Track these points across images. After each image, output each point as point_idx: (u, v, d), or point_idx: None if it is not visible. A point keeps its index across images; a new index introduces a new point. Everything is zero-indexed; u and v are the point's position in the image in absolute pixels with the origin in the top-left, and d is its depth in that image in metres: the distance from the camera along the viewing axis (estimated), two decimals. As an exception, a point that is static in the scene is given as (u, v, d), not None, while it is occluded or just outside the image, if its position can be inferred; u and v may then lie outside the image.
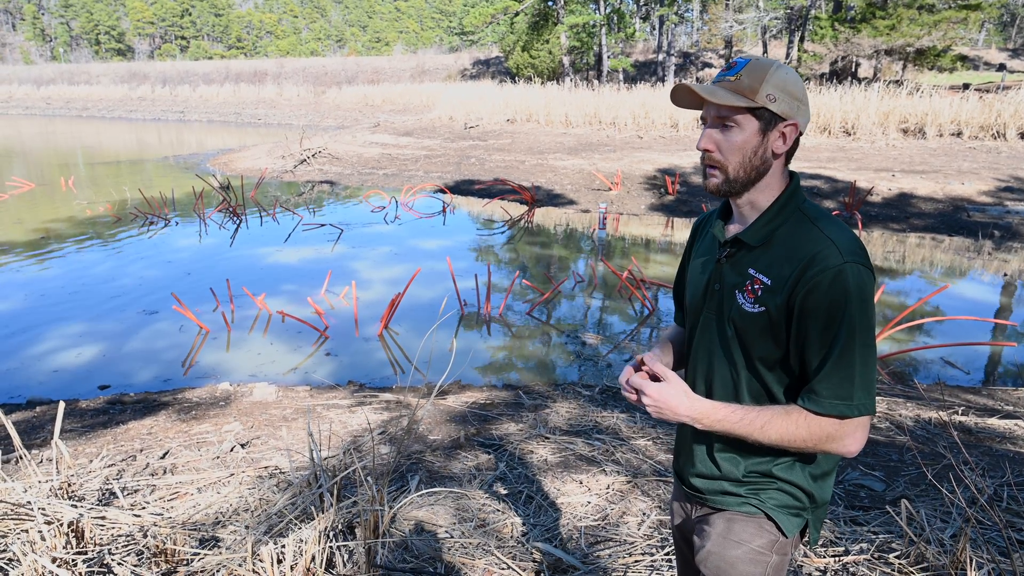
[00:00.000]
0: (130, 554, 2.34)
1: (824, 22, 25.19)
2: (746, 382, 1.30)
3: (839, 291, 1.16)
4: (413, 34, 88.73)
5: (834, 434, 1.20)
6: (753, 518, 1.32)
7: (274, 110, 36.68)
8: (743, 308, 1.27)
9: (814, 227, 1.23)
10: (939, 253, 9.29)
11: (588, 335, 6.18)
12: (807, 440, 1.21)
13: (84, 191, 13.70)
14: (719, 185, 1.28)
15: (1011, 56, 33.39)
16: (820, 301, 1.17)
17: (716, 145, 1.26)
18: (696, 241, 1.50)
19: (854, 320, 1.16)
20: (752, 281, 1.26)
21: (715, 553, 1.33)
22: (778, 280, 1.22)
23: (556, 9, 31.39)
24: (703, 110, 1.29)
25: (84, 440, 3.72)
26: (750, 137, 1.24)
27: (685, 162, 13.85)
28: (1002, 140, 14.32)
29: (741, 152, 1.25)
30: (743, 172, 1.26)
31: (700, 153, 1.30)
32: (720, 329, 1.32)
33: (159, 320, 6.42)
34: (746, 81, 1.22)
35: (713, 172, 1.29)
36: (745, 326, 1.27)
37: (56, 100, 45.44)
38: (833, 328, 1.17)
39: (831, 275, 1.16)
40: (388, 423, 3.91)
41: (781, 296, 1.21)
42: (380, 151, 17.33)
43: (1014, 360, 5.84)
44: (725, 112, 1.24)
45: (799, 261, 1.20)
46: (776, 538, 1.31)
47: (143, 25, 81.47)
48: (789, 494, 1.31)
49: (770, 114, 1.23)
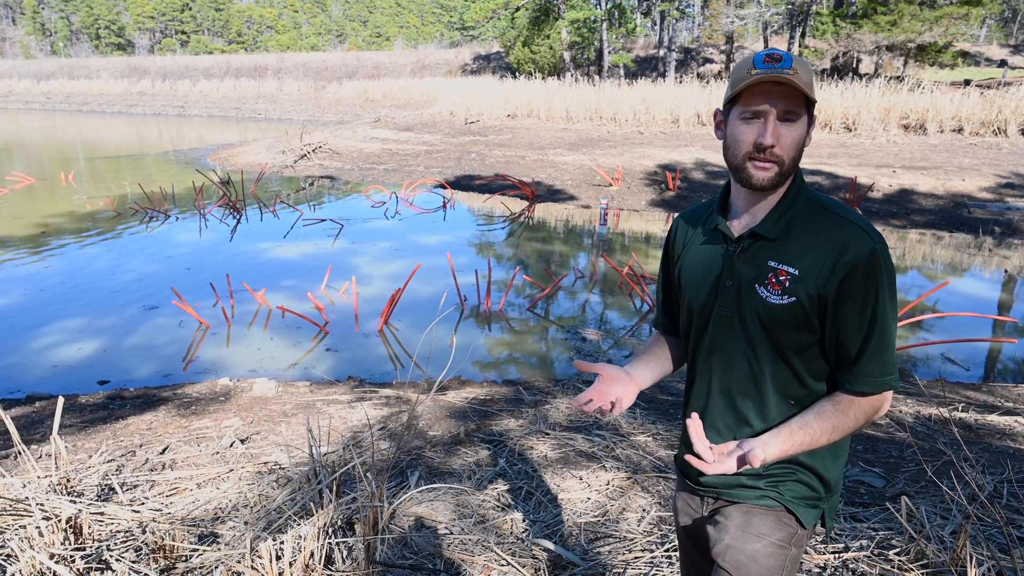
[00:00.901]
0: (129, 550, 2.34)
1: (825, 18, 25.10)
2: (771, 374, 1.30)
3: (875, 272, 1.21)
4: (414, 29, 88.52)
5: (879, 406, 1.27)
6: (772, 511, 1.32)
7: (274, 105, 36.61)
8: (768, 301, 1.26)
9: (830, 213, 1.26)
10: (940, 249, 9.28)
11: (588, 331, 6.18)
12: (864, 424, 1.27)
13: (84, 186, 13.68)
14: (772, 179, 1.26)
15: (1012, 52, 33.28)
16: (859, 284, 1.21)
17: (780, 140, 1.24)
18: (682, 240, 1.46)
19: (886, 299, 1.22)
20: (776, 273, 1.26)
21: (735, 547, 1.32)
22: (808, 269, 1.23)
23: (557, 4, 31.28)
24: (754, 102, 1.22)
25: (83, 435, 3.72)
26: (803, 131, 1.26)
27: (686, 158, 13.82)
28: (1003, 136, 14.29)
29: (798, 146, 1.26)
30: (792, 165, 1.27)
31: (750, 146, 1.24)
32: (742, 325, 1.31)
33: (159, 315, 6.42)
34: (803, 75, 1.21)
35: (766, 166, 1.25)
36: (773, 319, 1.26)
37: (56, 95, 45.34)
38: (870, 308, 1.22)
39: (866, 258, 1.20)
40: (388, 419, 3.91)
41: (813, 284, 1.23)
42: (380, 146, 17.30)
43: (1014, 356, 5.83)
44: (794, 106, 1.22)
45: (830, 247, 1.22)
46: (795, 531, 1.32)
47: (143, 20, 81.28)
48: (807, 484, 1.32)
49: (814, 108, 1.27)
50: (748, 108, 1.24)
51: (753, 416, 1.32)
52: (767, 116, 1.23)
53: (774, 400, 1.30)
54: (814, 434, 1.24)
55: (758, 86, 1.21)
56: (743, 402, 1.33)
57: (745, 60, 1.25)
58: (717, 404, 1.36)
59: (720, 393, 1.35)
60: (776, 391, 1.30)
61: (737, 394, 1.33)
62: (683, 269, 1.44)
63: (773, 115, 1.22)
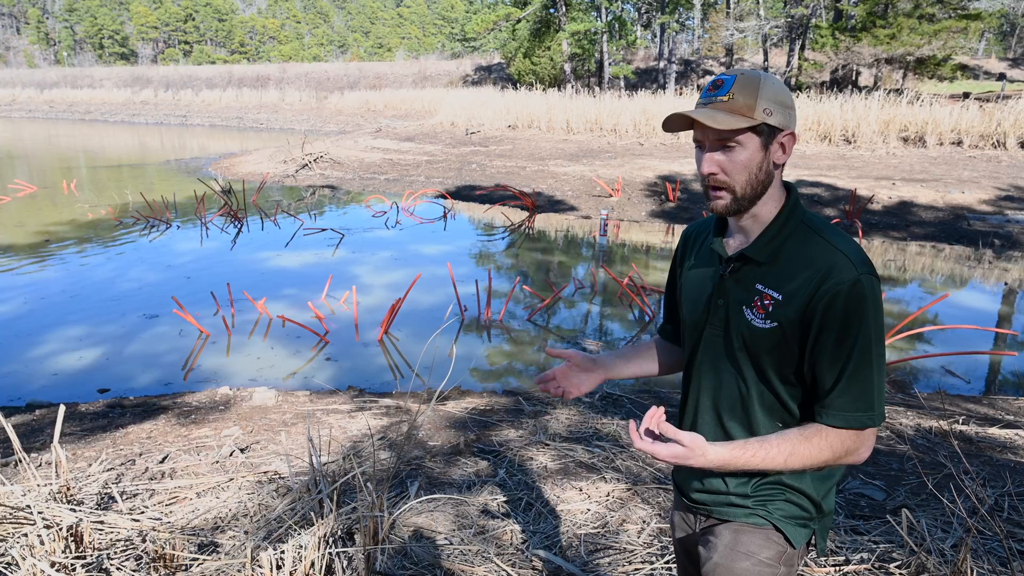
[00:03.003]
0: (129, 559, 2.33)
1: (825, 31, 25.27)
2: (757, 396, 1.29)
3: (855, 303, 1.17)
4: (415, 40, 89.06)
5: (853, 447, 1.21)
6: (761, 529, 1.30)
7: (276, 115, 36.77)
8: (753, 324, 1.26)
9: (820, 238, 1.23)
10: (939, 262, 9.30)
11: (589, 341, 6.18)
12: (830, 459, 1.22)
13: (86, 194, 13.72)
14: (727, 206, 1.26)
15: (1011, 66, 33.47)
16: (837, 314, 1.17)
17: (720, 167, 1.23)
18: (687, 252, 1.48)
19: (870, 332, 1.17)
20: (761, 297, 1.25)
21: (722, 565, 1.32)
22: (790, 295, 1.22)
23: (558, 16, 31.50)
24: (697, 132, 1.25)
25: (83, 444, 3.72)
26: (754, 154, 1.23)
27: (686, 169, 13.88)
28: (1002, 149, 14.35)
29: (747, 170, 1.23)
30: (750, 189, 1.24)
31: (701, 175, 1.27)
32: (727, 344, 1.31)
33: (159, 324, 6.42)
34: (740, 100, 1.20)
35: (719, 194, 1.26)
36: (756, 342, 1.26)
37: (59, 103, 45.56)
38: (850, 341, 1.18)
39: (847, 287, 1.17)
40: (388, 428, 3.91)
41: (794, 310, 1.21)
42: (382, 156, 17.36)
43: (1015, 369, 5.83)
44: (726, 135, 1.21)
45: (814, 274, 1.20)
46: (784, 549, 1.30)
47: (147, 30, 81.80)
48: (797, 504, 1.30)
49: (769, 128, 1.22)
50: (695, 139, 1.28)
51: (739, 436, 1.31)
52: (704, 146, 1.25)
53: (761, 421, 1.29)
54: (769, 452, 1.21)
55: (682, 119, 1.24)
56: (730, 421, 1.32)
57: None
58: (706, 421, 1.37)
59: (709, 410, 1.36)
60: (763, 413, 1.29)
61: (725, 412, 1.33)
62: (684, 283, 1.46)
63: (708, 145, 1.24)
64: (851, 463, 1.23)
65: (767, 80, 1.22)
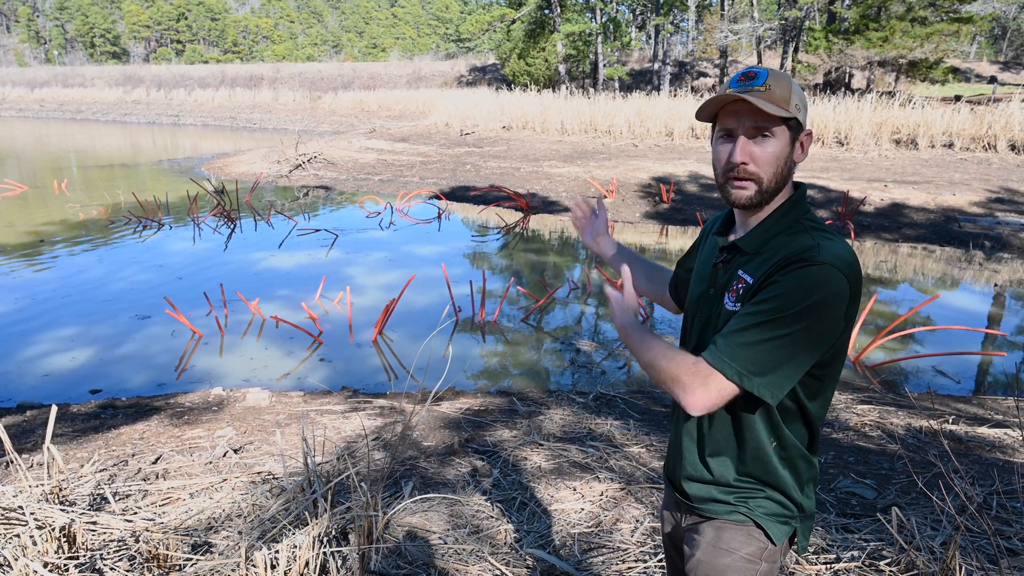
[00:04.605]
0: (122, 559, 2.33)
1: (818, 33, 25.41)
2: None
3: (801, 280, 1.14)
4: (410, 40, 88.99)
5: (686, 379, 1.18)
6: (742, 526, 1.32)
7: (270, 115, 36.66)
8: (726, 308, 1.28)
9: (807, 235, 1.23)
10: (931, 263, 9.36)
11: (582, 342, 6.20)
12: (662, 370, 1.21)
13: (77, 194, 13.65)
14: (751, 197, 1.25)
15: (1002, 69, 33.74)
16: (777, 282, 1.16)
17: (751, 157, 1.23)
18: (700, 245, 1.52)
19: (796, 307, 1.13)
20: (739, 281, 1.27)
21: (705, 562, 1.34)
22: (758, 278, 1.22)
23: (552, 17, 31.55)
24: (729, 120, 1.25)
25: (76, 445, 3.70)
26: (784, 147, 1.24)
27: (680, 170, 13.92)
28: (993, 152, 14.46)
29: (777, 163, 1.24)
30: (775, 183, 1.25)
31: (724, 165, 1.26)
32: (710, 332, 1.31)
33: (152, 324, 6.40)
34: (777, 91, 1.20)
35: (744, 184, 1.25)
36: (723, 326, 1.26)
37: (50, 103, 45.26)
38: (768, 304, 1.15)
39: (801, 265, 1.15)
40: (382, 429, 3.91)
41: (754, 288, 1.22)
42: (376, 157, 17.34)
43: (1004, 369, 5.88)
44: (763, 123, 1.21)
45: (782, 256, 1.20)
46: (765, 546, 1.31)
47: (139, 29, 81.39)
48: (777, 502, 1.31)
49: (797, 124, 1.24)
50: (722, 127, 1.27)
51: (727, 428, 1.31)
52: (736, 134, 1.24)
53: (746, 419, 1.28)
54: (643, 340, 1.27)
55: (729, 105, 1.24)
56: (719, 412, 1.31)
57: (727, 80, 1.29)
58: None
59: None
60: (747, 410, 1.27)
61: None
62: (693, 272, 1.49)
63: (742, 132, 1.23)
64: (678, 398, 1.20)
65: (793, 79, 1.25)
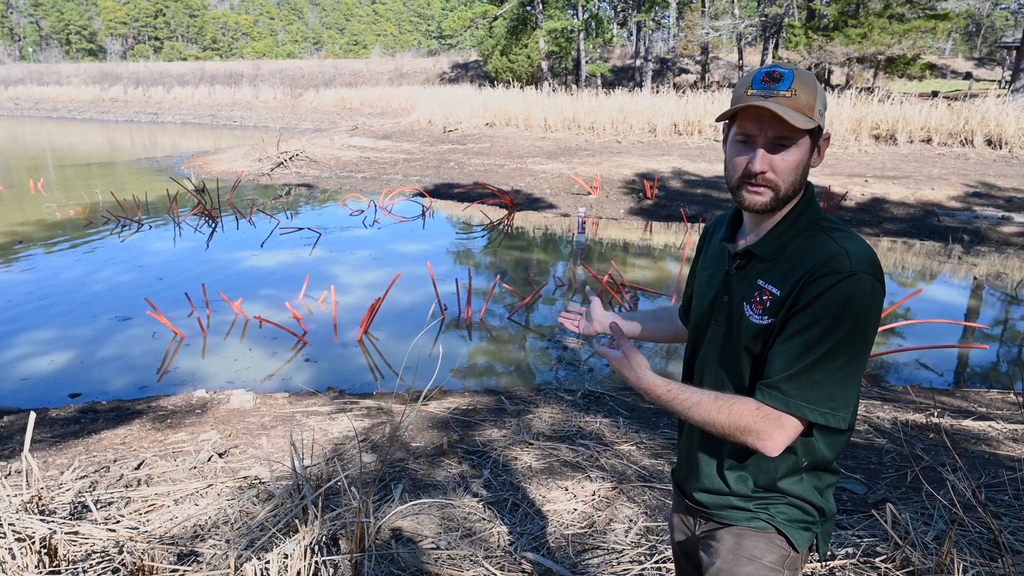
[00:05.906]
0: (106, 571, 2.26)
1: (798, 30, 25.64)
2: None
3: (840, 296, 1.11)
4: (391, 37, 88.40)
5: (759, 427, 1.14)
6: (763, 533, 1.28)
7: (250, 112, 36.22)
8: (750, 320, 1.24)
9: (827, 237, 1.19)
10: (911, 257, 9.47)
11: (569, 339, 6.18)
12: (725, 425, 1.16)
13: (54, 194, 13.37)
14: (767, 203, 1.21)
15: (977, 65, 34.28)
16: (817, 300, 1.12)
17: (771, 166, 1.19)
18: (704, 249, 1.48)
19: (846, 330, 1.11)
20: (761, 292, 1.22)
21: (726, 570, 1.30)
22: (787, 290, 1.18)
23: (535, 14, 31.49)
24: (751, 126, 1.19)
25: (55, 451, 3.61)
26: (804, 155, 1.20)
27: (663, 167, 13.96)
28: (970, 147, 14.66)
29: (796, 171, 1.20)
30: (792, 189, 1.21)
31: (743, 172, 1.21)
32: (729, 341, 1.29)
33: (132, 326, 6.28)
34: (803, 98, 1.15)
35: (760, 191, 1.21)
36: (751, 338, 1.24)
37: (25, 101, 44.38)
38: (818, 331, 1.12)
39: (835, 279, 1.12)
40: (370, 430, 3.86)
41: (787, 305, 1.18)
42: (358, 154, 17.20)
43: (985, 362, 5.96)
44: (787, 133, 1.16)
45: (809, 266, 1.15)
46: (787, 553, 1.28)
47: (115, 25, 79.98)
48: (799, 508, 1.28)
49: (819, 130, 1.20)
50: (741, 131, 1.21)
51: None
52: (756, 141, 1.19)
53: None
54: (681, 395, 1.21)
55: (751, 108, 1.17)
56: None
57: (747, 76, 1.21)
58: None
59: None
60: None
61: None
62: (697, 276, 1.46)
63: (763, 141, 1.18)
64: (752, 446, 1.16)
65: (817, 80, 1.19)
